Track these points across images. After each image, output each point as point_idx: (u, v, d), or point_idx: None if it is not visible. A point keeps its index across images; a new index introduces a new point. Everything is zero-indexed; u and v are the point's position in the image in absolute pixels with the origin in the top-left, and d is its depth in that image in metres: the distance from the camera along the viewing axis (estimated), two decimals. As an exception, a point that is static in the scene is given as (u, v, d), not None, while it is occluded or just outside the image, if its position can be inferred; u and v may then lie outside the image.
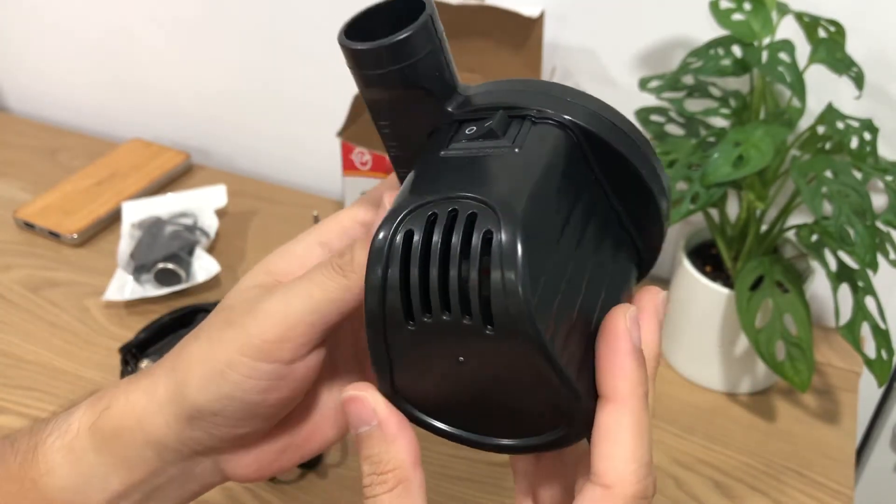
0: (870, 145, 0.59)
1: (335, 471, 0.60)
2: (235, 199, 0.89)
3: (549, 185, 0.27)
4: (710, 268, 0.67)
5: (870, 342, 0.58)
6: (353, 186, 0.74)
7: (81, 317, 0.74)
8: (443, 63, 0.29)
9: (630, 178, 0.30)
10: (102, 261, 0.81)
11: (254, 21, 0.88)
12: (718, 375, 0.67)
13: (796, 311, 0.59)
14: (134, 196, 0.88)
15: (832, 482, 0.61)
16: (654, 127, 0.67)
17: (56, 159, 0.97)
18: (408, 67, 0.28)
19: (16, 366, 0.69)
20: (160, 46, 0.95)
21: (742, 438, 0.64)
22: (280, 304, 0.31)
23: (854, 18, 0.61)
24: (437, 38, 0.28)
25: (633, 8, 0.71)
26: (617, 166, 0.30)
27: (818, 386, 0.69)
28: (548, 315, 0.26)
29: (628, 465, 0.27)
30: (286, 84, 0.91)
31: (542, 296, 0.25)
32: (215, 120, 0.98)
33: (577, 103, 0.29)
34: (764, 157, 0.55)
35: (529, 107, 0.29)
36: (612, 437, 0.27)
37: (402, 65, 0.28)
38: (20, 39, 1.04)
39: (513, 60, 0.74)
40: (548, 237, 0.26)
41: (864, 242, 0.53)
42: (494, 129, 0.28)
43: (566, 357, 0.27)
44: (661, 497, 0.59)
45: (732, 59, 0.62)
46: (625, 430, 0.27)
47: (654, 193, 0.31)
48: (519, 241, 0.25)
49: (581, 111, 0.29)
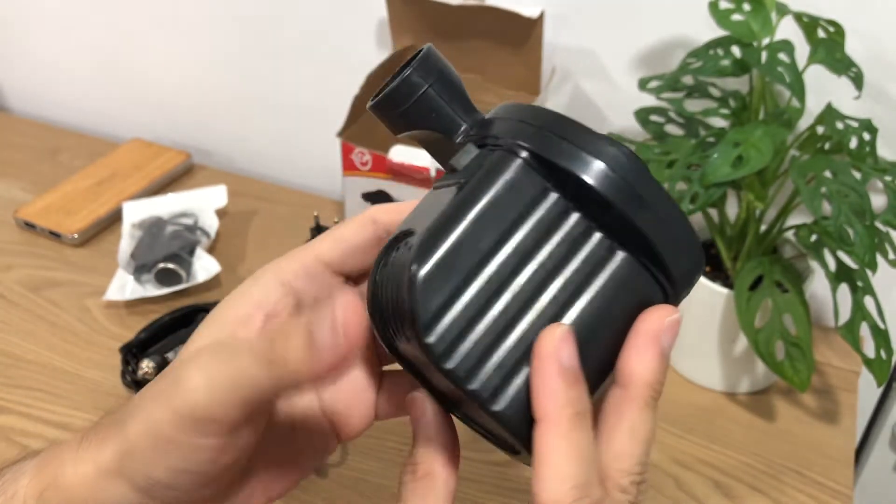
0: (869, 145, 0.59)
1: (335, 470, 0.60)
2: (236, 199, 0.89)
3: (467, 218, 0.28)
4: (709, 268, 0.67)
5: (869, 342, 0.58)
6: (353, 186, 0.74)
7: (82, 317, 0.74)
8: (437, 104, 0.31)
9: (598, 199, 0.28)
10: (103, 261, 0.81)
11: (255, 21, 0.88)
12: (718, 375, 0.67)
13: (795, 310, 0.59)
14: (134, 196, 0.88)
15: (831, 482, 0.61)
16: (654, 127, 0.67)
17: (57, 159, 0.98)
18: (400, 115, 0.31)
19: (16, 365, 0.69)
20: (161, 46, 0.95)
21: (742, 438, 0.64)
22: (203, 378, 0.29)
23: (853, 19, 0.61)
24: (425, 85, 0.31)
25: (632, 8, 0.71)
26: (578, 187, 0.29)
27: (817, 386, 0.69)
28: (453, 330, 0.27)
29: (561, 485, 0.27)
30: (287, 84, 0.91)
31: (448, 318, 0.27)
32: (216, 120, 0.98)
33: (546, 130, 0.29)
34: (763, 158, 0.55)
35: (498, 136, 0.30)
36: (545, 459, 0.27)
37: (395, 112, 0.31)
38: (21, 40, 1.04)
39: (513, 61, 0.74)
40: (462, 267, 0.28)
41: (864, 242, 0.53)
42: (453, 165, 0.31)
43: (490, 381, 0.27)
44: (660, 496, 0.59)
45: (732, 60, 0.62)
46: (555, 452, 0.27)
47: (634, 221, 0.28)
48: (417, 268, 0.27)
49: (536, 138, 0.29)
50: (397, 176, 0.72)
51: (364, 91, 0.73)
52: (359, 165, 0.72)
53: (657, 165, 0.63)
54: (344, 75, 0.78)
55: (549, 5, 0.72)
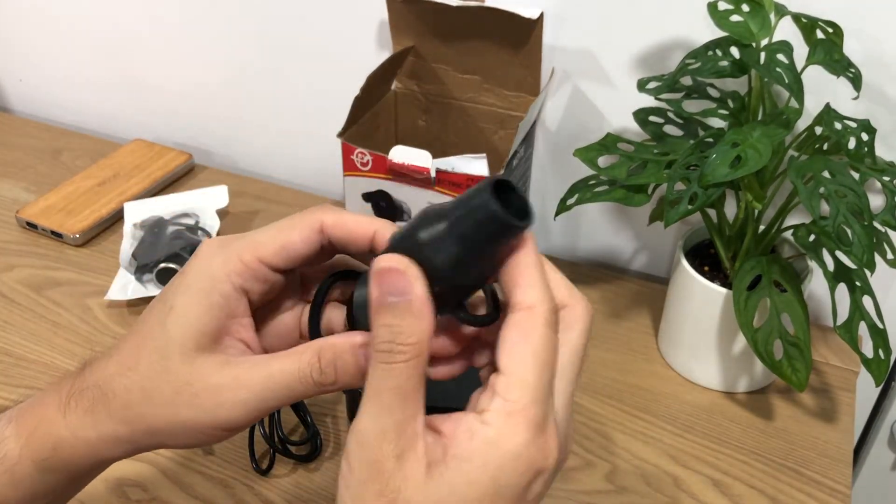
0: (867, 146, 0.59)
1: (329, 464, 0.61)
2: (237, 200, 0.89)
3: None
4: (707, 267, 0.67)
5: (867, 341, 0.58)
6: (353, 187, 0.74)
7: (84, 316, 0.74)
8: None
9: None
10: (105, 261, 0.81)
11: (256, 22, 0.88)
12: (716, 374, 0.68)
13: (794, 310, 0.59)
14: (136, 196, 0.88)
15: (830, 480, 0.61)
16: (653, 127, 0.68)
17: (59, 160, 0.98)
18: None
19: (18, 365, 0.69)
20: (163, 47, 0.95)
21: (740, 437, 0.64)
22: (241, 395, 0.35)
23: (852, 20, 0.61)
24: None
25: (631, 9, 0.71)
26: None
27: (816, 385, 0.69)
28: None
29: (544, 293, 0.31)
30: (287, 85, 0.91)
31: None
32: (217, 121, 0.99)
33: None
34: (762, 158, 0.55)
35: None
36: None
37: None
38: (23, 40, 1.04)
39: (512, 61, 0.74)
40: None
41: (862, 242, 0.54)
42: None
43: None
44: (659, 495, 0.60)
45: (730, 61, 0.62)
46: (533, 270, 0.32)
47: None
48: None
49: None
50: (397, 176, 0.72)
51: (364, 91, 0.73)
52: (359, 166, 0.73)
53: (656, 166, 0.63)
54: (344, 76, 0.78)
55: (548, 6, 0.72)
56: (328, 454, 0.62)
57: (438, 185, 0.71)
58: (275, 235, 0.37)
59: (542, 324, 0.31)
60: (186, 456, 0.61)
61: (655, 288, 0.79)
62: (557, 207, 0.67)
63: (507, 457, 0.29)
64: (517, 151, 0.73)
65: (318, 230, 0.37)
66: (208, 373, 0.35)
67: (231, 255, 0.36)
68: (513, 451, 0.29)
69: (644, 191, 0.63)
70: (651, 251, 0.84)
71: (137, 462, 0.60)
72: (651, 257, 0.84)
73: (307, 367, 0.34)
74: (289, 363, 0.35)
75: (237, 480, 0.60)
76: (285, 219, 0.38)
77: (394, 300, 0.30)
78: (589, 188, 0.66)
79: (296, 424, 0.63)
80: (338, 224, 0.37)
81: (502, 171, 0.70)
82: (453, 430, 0.30)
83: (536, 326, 0.30)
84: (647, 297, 0.77)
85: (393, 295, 0.30)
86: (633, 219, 0.82)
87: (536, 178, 0.83)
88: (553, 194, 0.83)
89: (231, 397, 0.34)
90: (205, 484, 0.59)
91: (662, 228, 0.61)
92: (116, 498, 0.58)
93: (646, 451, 0.63)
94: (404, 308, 0.30)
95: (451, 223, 0.31)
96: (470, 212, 0.30)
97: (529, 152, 0.80)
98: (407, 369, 0.30)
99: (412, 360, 0.30)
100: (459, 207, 0.31)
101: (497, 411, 0.30)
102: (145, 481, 0.59)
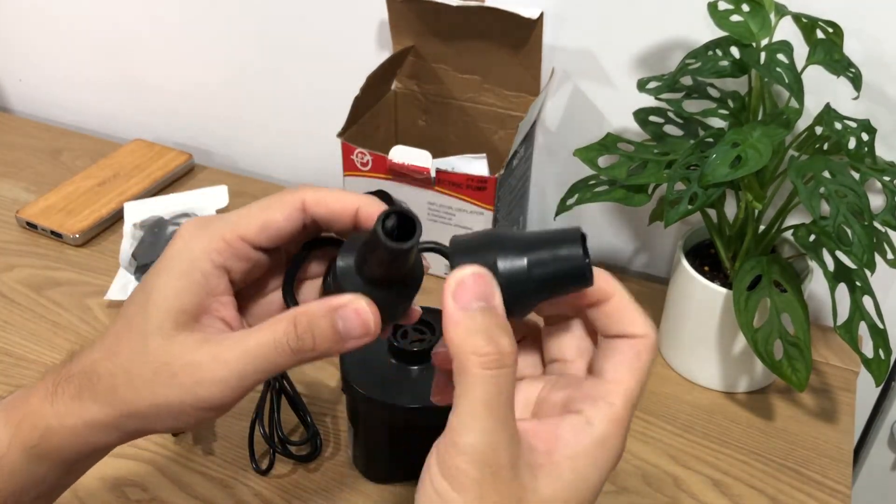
0: (867, 146, 0.59)
1: (329, 464, 0.61)
2: (237, 200, 0.89)
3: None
4: (707, 267, 0.67)
5: (867, 341, 0.58)
6: (353, 187, 0.74)
7: (84, 316, 0.74)
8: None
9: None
10: (104, 261, 0.81)
11: (256, 22, 0.88)
12: (716, 374, 0.68)
13: (794, 310, 0.59)
14: (136, 196, 0.88)
15: (830, 480, 0.61)
16: (653, 127, 0.68)
17: (59, 160, 0.98)
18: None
19: (18, 365, 0.69)
20: (163, 47, 0.95)
21: (740, 437, 0.64)
22: (222, 371, 0.35)
23: (852, 20, 0.61)
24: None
25: (631, 9, 0.71)
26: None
27: (816, 385, 0.69)
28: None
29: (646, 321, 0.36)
30: (287, 85, 0.91)
31: None
32: (217, 120, 0.99)
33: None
34: (762, 158, 0.55)
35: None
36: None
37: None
38: (23, 40, 1.04)
39: (512, 61, 0.74)
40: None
41: (862, 242, 0.54)
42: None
43: None
44: (659, 496, 0.60)
45: (731, 60, 0.62)
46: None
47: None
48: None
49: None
50: (397, 176, 0.72)
51: (364, 91, 0.73)
52: (359, 166, 0.73)
53: (656, 166, 0.63)
54: (344, 76, 0.78)
55: (548, 6, 0.72)
56: (328, 454, 0.62)
57: (438, 185, 0.71)
58: (256, 213, 0.37)
59: (651, 349, 0.35)
60: (186, 456, 0.61)
61: (655, 288, 0.78)
62: (557, 207, 0.67)
63: (610, 454, 0.33)
64: (517, 151, 0.73)
65: (300, 208, 0.37)
66: (186, 351, 0.35)
67: (212, 233, 0.36)
68: (616, 451, 0.33)
69: (644, 191, 0.63)
70: (651, 251, 0.84)
71: (137, 462, 0.60)
72: (651, 257, 0.84)
73: (283, 337, 0.34)
74: (264, 335, 0.34)
75: (237, 480, 0.60)
76: (267, 198, 0.37)
77: (480, 305, 0.31)
78: (589, 188, 0.66)
79: (296, 424, 0.63)
80: (320, 201, 0.36)
81: (502, 171, 0.70)
82: (552, 433, 0.32)
83: (649, 350, 0.34)
84: (648, 297, 0.77)
85: (479, 300, 0.31)
86: (633, 219, 0.82)
87: (536, 178, 0.83)
88: (553, 194, 0.83)
89: (209, 375, 0.34)
90: (205, 484, 0.59)
91: (662, 228, 0.61)
92: (116, 498, 0.58)
93: (646, 451, 0.63)
94: (493, 316, 0.31)
95: (532, 263, 0.33)
96: (556, 259, 0.33)
97: (529, 152, 0.80)
98: (511, 377, 0.31)
99: (513, 367, 0.31)
100: (544, 249, 0.33)
101: (603, 414, 0.33)
102: (145, 481, 0.59)
